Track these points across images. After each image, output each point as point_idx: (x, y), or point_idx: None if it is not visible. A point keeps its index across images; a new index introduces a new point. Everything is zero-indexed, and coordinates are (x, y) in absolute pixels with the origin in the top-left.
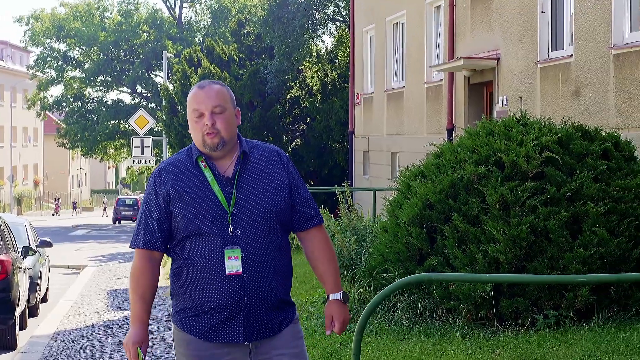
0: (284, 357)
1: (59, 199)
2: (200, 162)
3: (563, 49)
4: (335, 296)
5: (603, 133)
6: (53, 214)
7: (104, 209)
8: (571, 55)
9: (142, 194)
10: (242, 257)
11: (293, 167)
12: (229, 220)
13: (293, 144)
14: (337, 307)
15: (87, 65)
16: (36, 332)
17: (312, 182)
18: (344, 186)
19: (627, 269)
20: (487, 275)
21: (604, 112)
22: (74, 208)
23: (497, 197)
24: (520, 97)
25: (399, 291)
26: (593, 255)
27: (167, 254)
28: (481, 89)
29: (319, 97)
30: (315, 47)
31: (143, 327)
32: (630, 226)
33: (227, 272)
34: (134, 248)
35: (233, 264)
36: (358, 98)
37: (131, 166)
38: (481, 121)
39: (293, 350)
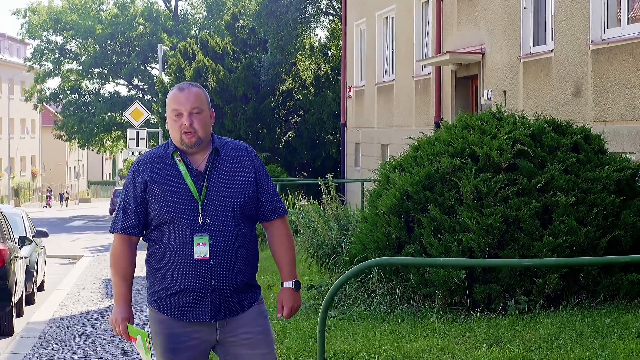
0: (250, 334)
1: (51, 190)
2: (175, 157)
3: (545, 44)
4: (288, 284)
5: (574, 127)
6: (44, 206)
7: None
8: (552, 50)
9: None
10: (209, 243)
11: (260, 163)
12: (199, 210)
13: (286, 136)
14: (288, 294)
15: (83, 58)
16: (32, 319)
17: (305, 174)
18: (327, 178)
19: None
20: (441, 259)
21: (583, 105)
22: (61, 200)
23: (471, 188)
24: (504, 91)
25: (378, 278)
26: (562, 243)
27: (143, 240)
28: (467, 83)
29: (312, 90)
30: (308, 40)
31: (127, 305)
32: (598, 216)
33: (195, 256)
34: (113, 232)
35: (201, 250)
36: (350, 91)
37: (128, 158)
38: (458, 115)
39: (258, 328)
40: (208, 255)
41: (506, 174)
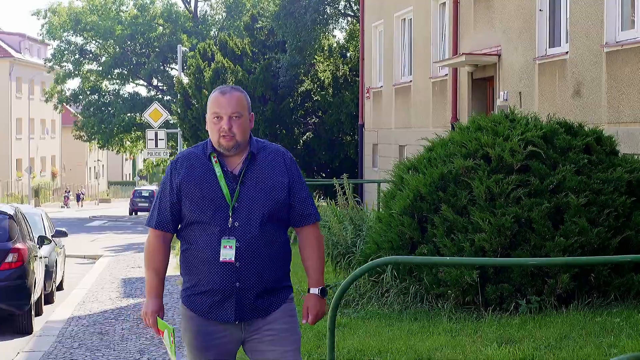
0: (272, 331)
1: (69, 191)
2: (212, 158)
3: (560, 46)
4: (314, 291)
5: (586, 129)
6: (62, 207)
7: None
8: (567, 52)
9: (158, 185)
10: (236, 247)
11: (296, 168)
12: (230, 213)
13: (305, 137)
14: (314, 300)
15: (103, 59)
16: (51, 317)
17: (323, 175)
18: (342, 179)
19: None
20: (448, 258)
21: (597, 107)
22: (78, 200)
23: (484, 189)
24: (520, 93)
25: (391, 278)
26: (574, 244)
27: (176, 237)
28: (484, 84)
29: (330, 91)
30: (327, 41)
31: (158, 298)
32: (609, 217)
33: (221, 259)
34: (148, 227)
35: (227, 253)
36: (368, 92)
37: (148, 158)
38: (471, 116)
39: (282, 326)
40: (233, 259)
41: (518, 175)
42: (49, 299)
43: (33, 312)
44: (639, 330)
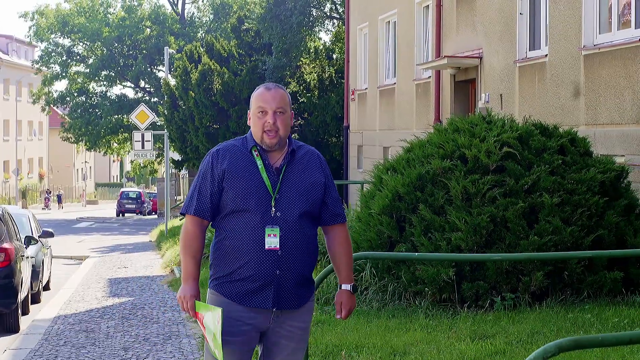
0: (294, 328)
1: (50, 192)
2: (253, 151)
3: (540, 48)
4: (346, 287)
5: (561, 130)
6: (43, 208)
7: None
8: (546, 55)
9: (146, 188)
10: (280, 235)
11: (329, 170)
12: (272, 204)
13: None
14: (346, 296)
15: (91, 60)
16: (38, 316)
17: None
18: None
19: (591, 256)
20: (416, 254)
21: (575, 109)
22: (59, 201)
23: (460, 189)
24: (501, 95)
25: (370, 276)
26: (547, 242)
27: (211, 226)
28: (466, 87)
29: (315, 93)
30: (312, 43)
31: (195, 283)
32: (582, 216)
33: (266, 247)
34: (185, 214)
35: (272, 241)
36: (353, 94)
37: (135, 160)
38: (449, 118)
39: (302, 324)
40: (278, 246)
41: (494, 176)
42: (35, 298)
43: (20, 311)
44: (608, 325)
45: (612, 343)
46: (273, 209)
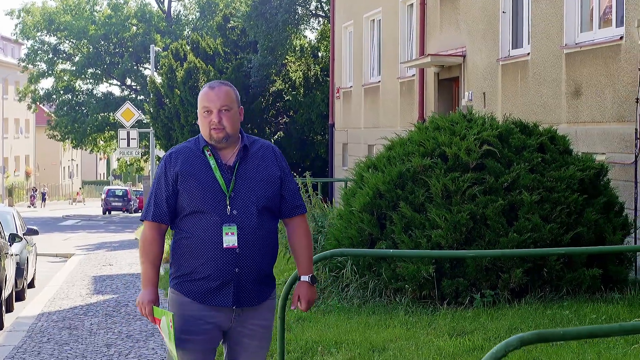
0: (255, 327)
1: (36, 190)
2: (205, 151)
3: (522, 47)
4: (305, 278)
5: (540, 128)
6: (28, 206)
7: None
8: (529, 54)
9: (133, 186)
10: (238, 233)
11: (285, 162)
12: (227, 202)
13: (276, 137)
14: (305, 287)
15: (77, 58)
16: (22, 313)
17: (294, 174)
18: (305, 177)
19: (564, 254)
20: (391, 250)
21: (557, 107)
22: (43, 199)
23: (441, 186)
24: (484, 93)
25: (351, 273)
26: (527, 240)
27: (170, 228)
28: (450, 85)
29: (301, 91)
30: (298, 41)
31: (154, 288)
32: (562, 213)
33: (224, 245)
34: (144, 220)
35: (230, 239)
36: (338, 92)
37: (121, 157)
38: (429, 116)
39: (264, 322)
40: (236, 244)
41: (474, 173)
42: (20, 296)
43: (4, 309)
44: (586, 322)
45: (573, 337)
46: (229, 207)
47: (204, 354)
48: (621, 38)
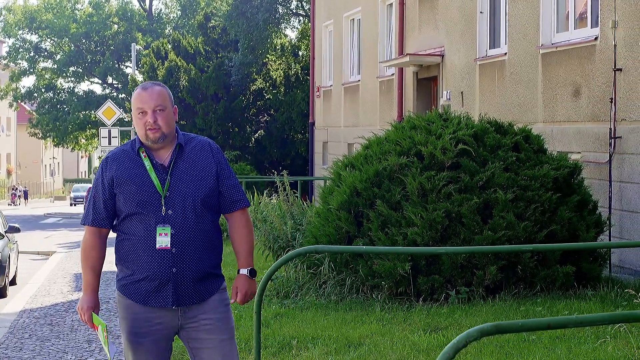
0: (210, 320)
1: (16, 188)
2: (141, 153)
3: (499, 47)
4: (243, 271)
5: (515, 128)
6: (9, 204)
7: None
8: (506, 54)
9: None
10: (171, 233)
11: (223, 157)
12: (162, 202)
13: (256, 135)
14: (243, 280)
15: (58, 57)
16: (3, 310)
17: (275, 172)
18: (282, 175)
19: (532, 250)
20: (364, 247)
21: (533, 107)
22: (26, 197)
23: (416, 185)
24: (462, 92)
25: (329, 270)
26: (501, 237)
27: (112, 231)
28: (428, 84)
29: (282, 90)
30: (279, 40)
31: (94, 294)
32: (536, 212)
33: (157, 246)
34: (84, 225)
35: (163, 240)
36: (318, 91)
37: (102, 155)
38: (406, 116)
39: (217, 315)
40: (169, 245)
41: (449, 172)
42: (1, 293)
43: None
44: None
45: (531, 328)
46: (164, 207)
47: (158, 354)
48: (596, 39)
